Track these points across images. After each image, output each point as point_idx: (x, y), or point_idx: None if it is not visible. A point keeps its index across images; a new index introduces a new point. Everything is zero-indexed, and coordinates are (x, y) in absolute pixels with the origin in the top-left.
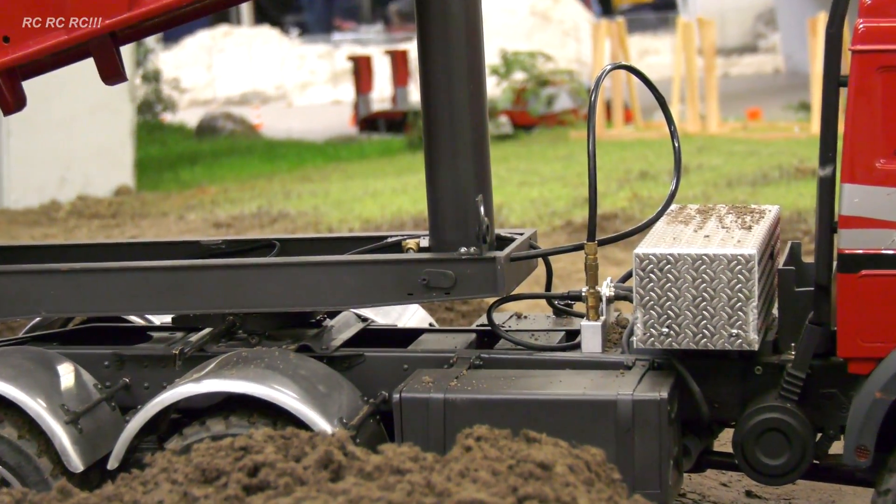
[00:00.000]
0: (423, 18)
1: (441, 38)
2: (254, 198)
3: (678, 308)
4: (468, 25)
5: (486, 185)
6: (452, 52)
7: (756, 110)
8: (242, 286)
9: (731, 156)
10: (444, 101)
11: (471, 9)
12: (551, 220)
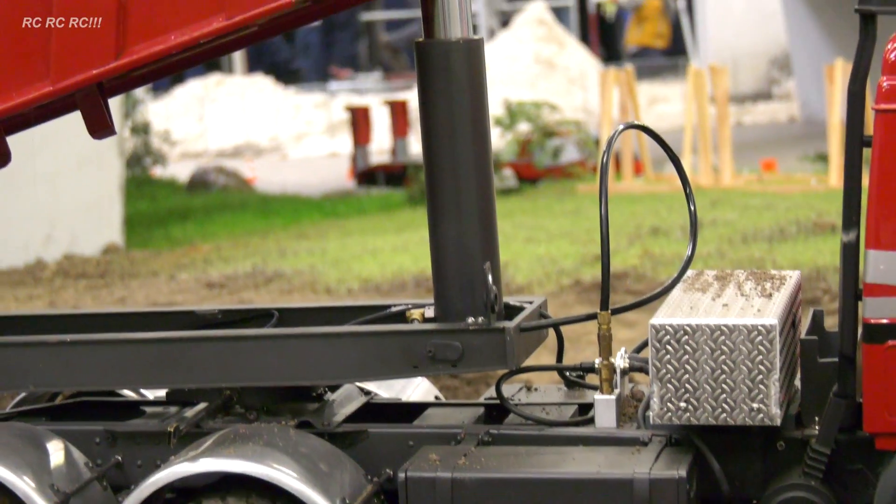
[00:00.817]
0: (424, 72)
1: (444, 93)
2: (248, 256)
3: (696, 381)
4: (472, 79)
5: (494, 249)
6: (456, 108)
7: (771, 161)
8: (240, 359)
9: (745, 210)
10: (448, 160)
11: (474, 61)
12: (559, 278)
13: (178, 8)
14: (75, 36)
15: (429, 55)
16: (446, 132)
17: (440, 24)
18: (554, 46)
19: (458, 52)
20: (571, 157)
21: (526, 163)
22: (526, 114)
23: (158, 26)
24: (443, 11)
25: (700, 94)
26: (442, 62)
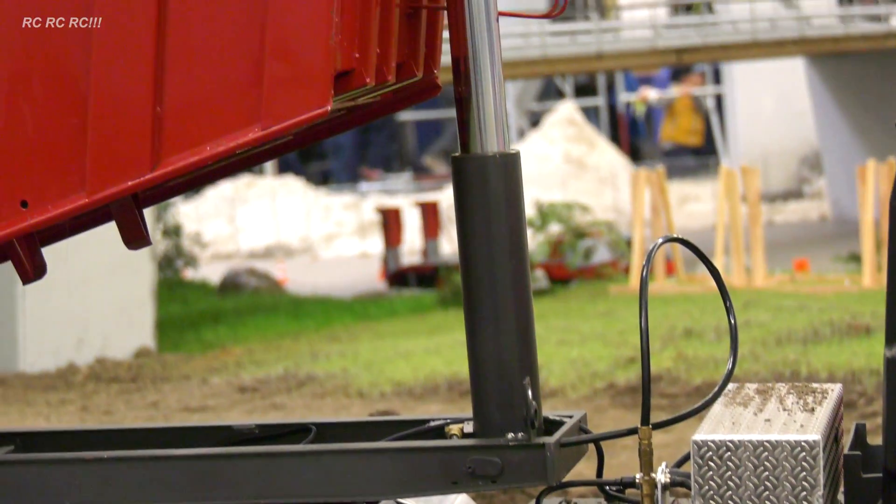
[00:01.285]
0: (460, 186)
1: (481, 208)
2: (280, 359)
3: (739, 498)
4: (509, 193)
5: (533, 363)
6: (493, 223)
7: (803, 261)
8: (278, 475)
9: (779, 311)
10: (486, 277)
11: (511, 174)
12: (592, 381)
13: (213, 119)
14: (111, 148)
15: (465, 170)
16: (484, 249)
17: (476, 137)
18: (584, 146)
19: (495, 166)
20: (603, 257)
21: (557, 263)
22: (557, 215)
23: (193, 138)
24: (479, 125)
25: (732, 195)
26: (479, 177)
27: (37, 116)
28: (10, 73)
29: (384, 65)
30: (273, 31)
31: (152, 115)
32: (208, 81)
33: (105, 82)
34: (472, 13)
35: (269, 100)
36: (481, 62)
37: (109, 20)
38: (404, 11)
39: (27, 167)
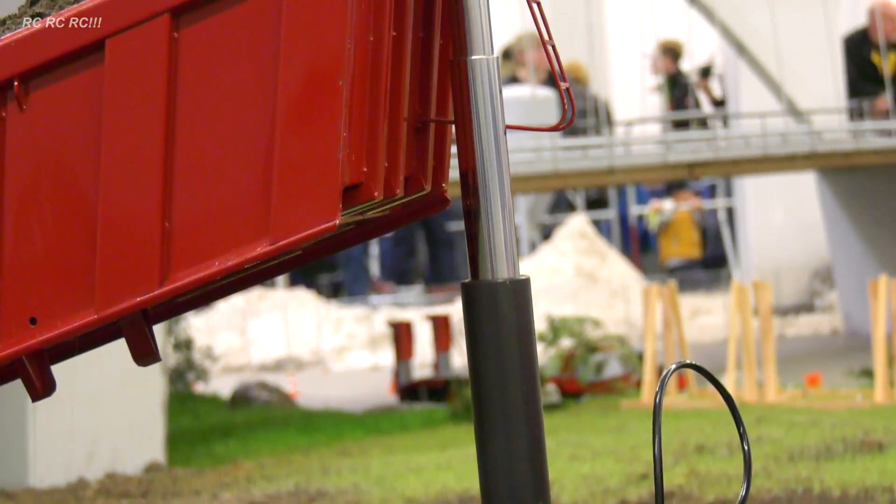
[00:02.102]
0: (470, 312)
1: (492, 334)
2: (290, 474)
3: None
4: (519, 318)
5: (544, 485)
6: (504, 348)
7: (815, 375)
8: None
9: (791, 426)
10: (498, 402)
11: (521, 300)
12: (605, 497)
13: (222, 234)
14: (119, 264)
15: (475, 297)
16: (495, 376)
17: (486, 264)
18: (595, 259)
19: (505, 292)
20: (615, 371)
21: (569, 378)
22: (569, 329)
23: (202, 252)
24: (489, 252)
25: (743, 309)
26: (489, 303)
27: (45, 232)
28: (19, 189)
29: (393, 178)
30: (281, 146)
31: (161, 230)
32: (217, 196)
33: (113, 198)
34: (479, 127)
35: (277, 214)
36: (489, 175)
37: (117, 136)
38: (412, 126)
39: (35, 283)
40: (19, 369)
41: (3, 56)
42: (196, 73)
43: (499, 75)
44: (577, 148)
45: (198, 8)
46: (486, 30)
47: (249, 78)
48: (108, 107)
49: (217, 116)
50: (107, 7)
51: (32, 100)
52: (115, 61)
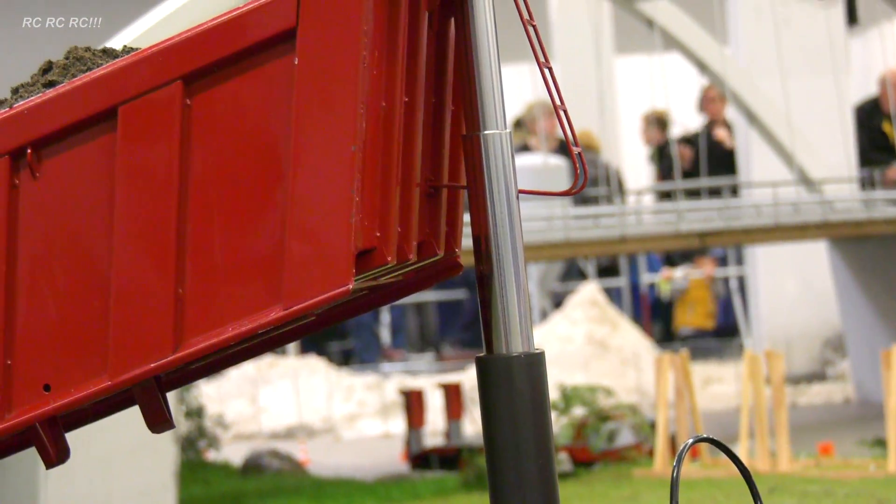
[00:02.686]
0: (485, 386)
1: (506, 407)
2: None
3: None
4: (534, 391)
5: None
6: (519, 422)
7: (828, 445)
8: None
9: (804, 497)
10: (513, 475)
11: (535, 374)
12: None
13: (235, 300)
14: (133, 330)
15: (490, 371)
16: (510, 450)
17: (500, 338)
18: (607, 327)
19: (520, 366)
20: (627, 440)
21: (581, 447)
22: (581, 398)
23: (215, 318)
24: (503, 325)
25: (756, 378)
26: (504, 377)
27: (58, 299)
28: (32, 256)
29: (405, 243)
30: (293, 211)
31: (174, 296)
32: (229, 263)
33: (126, 264)
34: (492, 192)
35: (290, 279)
36: (502, 240)
37: (130, 202)
38: (425, 191)
39: (49, 350)
40: (33, 437)
41: (16, 124)
42: (208, 139)
43: (511, 148)
44: (589, 217)
45: (210, 75)
46: (499, 105)
47: (261, 143)
48: (120, 173)
49: (229, 182)
50: (119, 75)
51: (45, 167)
52: (127, 128)
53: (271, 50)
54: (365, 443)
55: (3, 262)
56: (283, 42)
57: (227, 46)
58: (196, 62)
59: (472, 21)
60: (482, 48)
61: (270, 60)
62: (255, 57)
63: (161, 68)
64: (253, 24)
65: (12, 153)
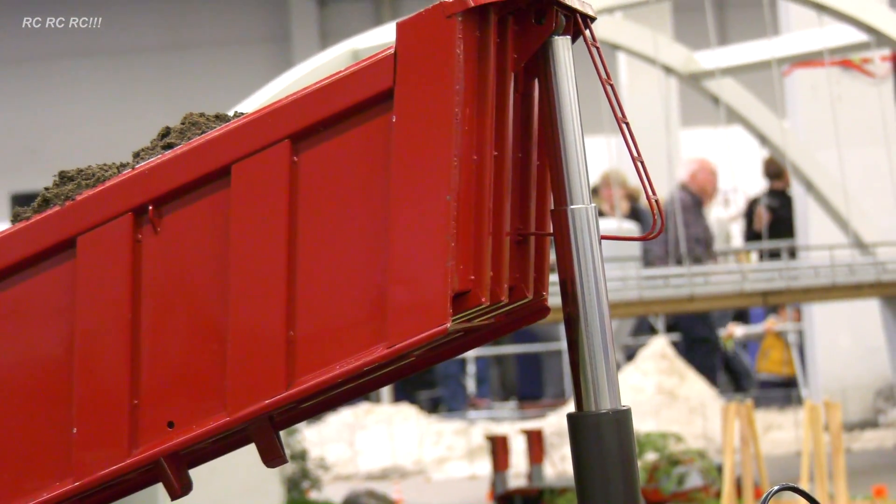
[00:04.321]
0: (576, 440)
1: (597, 461)
2: None
3: None
4: (622, 447)
5: None
6: (610, 474)
7: (882, 487)
8: None
9: None
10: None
11: (623, 430)
12: None
13: (342, 340)
14: (248, 370)
15: (580, 426)
16: (601, 497)
17: (590, 396)
18: (675, 378)
19: (609, 423)
20: (695, 483)
21: (653, 489)
22: (653, 444)
23: (324, 358)
24: (592, 385)
25: (815, 426)
26: (593, 433)
27: (179, 343)
28: (155, 305)
29: (497, 286)
30: (394, 258)
31: (286, 338)
32: (336, 305)
33: (241, 310)
34: (576, 239)
35: (392, 320)
36: (590, 314)
37: (243, 252)
38: (514, 238)
39: (172, 391)
40: (159, 472)
41: (138, 183)
42: (314, 192)
43: (596, 221)
44: (660, 277)
45: (315, 134)
46: (584, 181)
47: (363, 195)
48: (234, 226)
49: (334, 230)
50: (232, 136)
51: (165, 223)
52: (240, 184)
53: (371, 109)
54: (453, 484)
55: (129, 311)
56: (381, 101)
57: (330, 107)
58: (302, 122)
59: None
60: (567, 121)
61: (370, 119)
62: (356, 116)
63: (270, 129)
64: (353, 86)
65: (135, 210)
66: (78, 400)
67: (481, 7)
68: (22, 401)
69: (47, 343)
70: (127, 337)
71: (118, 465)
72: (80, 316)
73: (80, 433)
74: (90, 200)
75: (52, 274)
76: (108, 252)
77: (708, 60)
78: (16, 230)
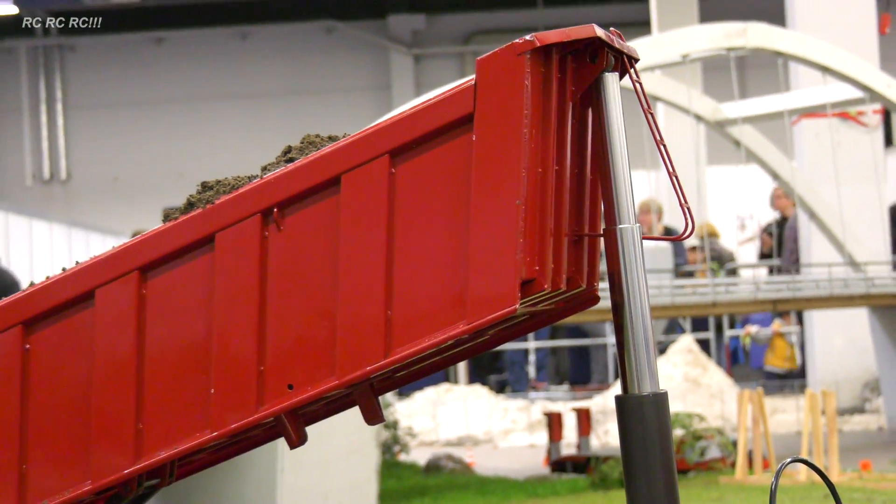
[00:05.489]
0: (623, 419)
1: (639, 437)
2: None
3: None
4: (660, 425)
5: None
6: (649, 449)
7: (867, 462)
8: None
9: (851, 502)
10: (643, 486)
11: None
12: None
13: (429, 318)
14: (354, 342)
15: (626, 406)
16: (642, 470)
17: (633, 380)
18: (699, 369)
19: (649, 404)
20: (714, 454)
21: (680, 459)
22: (680, 422)
23: (415, 333)
24: (635, 371)
25: (814, 410)
26: (637, 412)
27: (297, 319)
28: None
29: (557, 276)
30: (473, 251)
31: (385, 316)
32: (425, 291)
33: (349, 293)
34: (622, 239)
35: (471, 302)
36: (629, 274)
37: (351, 247)
38: (571, 238)
39: (292, 359)
40: (280, 427)
41: (265, 190)
42: (408, 198)
43: (640, 240)
44: (689, 286)
45: (409, 150)
46: (630, 202)
47: (448, 200)
48: (343, 225)
49: (424, 229)
50: (342, 151)
51: (287, 222)
52: (348, 191)
53: (455, 130)
54: (516, 451)
55: (257, 294)
56: (463, 124)
57: (422, 128)
58: (399, 140)
59: (606, 121)
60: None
61: (454, 138)
62: (443, 135)
63: (373, 146)
64: (441, 111)
65: (263, 212)
66: (215, 366)
67: (546, 47)
68: (171, 367)
69: (191, 320)
70: (255, 315)
71: (247, 419)
72: (217, 298)
73: (217, 393)
74: (226, 204)
75: (195, 264)
76: (240, 246)
77: (731, 111)
78: (167, 227)
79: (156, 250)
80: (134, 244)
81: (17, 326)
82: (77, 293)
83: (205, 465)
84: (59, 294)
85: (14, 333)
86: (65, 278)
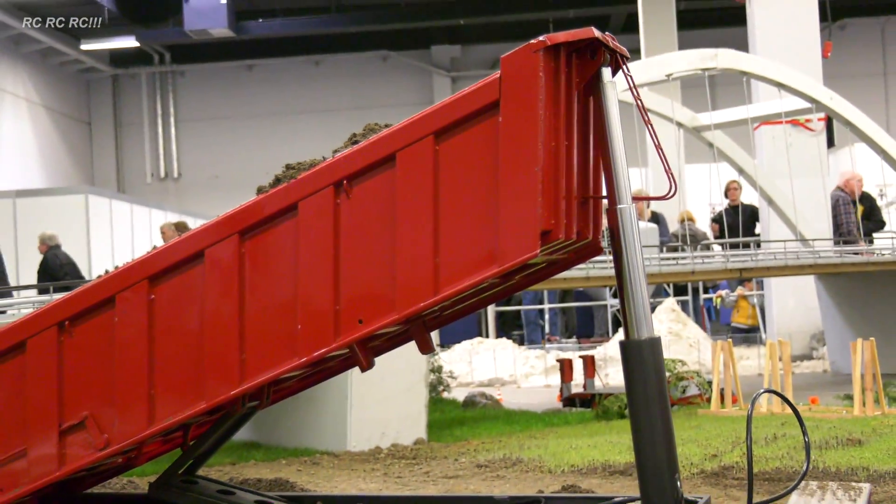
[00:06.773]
0: (626, 361)
1: (640, 377)
2: (500, 448)
3: None
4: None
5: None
6: (648, 385)
7: (815, 398)
8: None
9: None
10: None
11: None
12: (690, 469)
13: (470, 262)
14: (409, 282)
15: (629, 349)
16: (641, 397)
17: (633, 327)
18: (680, 325)
19: (646, 347)
20: (693, 392)
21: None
22: (666, 366)
23: (459, 274)
24: (635, 318)
25: (773, 357)
26: (636, 355)
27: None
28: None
29: (569, 229)
30: (503, 207)
31: (433, 263)
32: (465, 241)
33: (405, 246)
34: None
35: (501, 249)
36: (628, 243)
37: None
38: (579, 200)
39: (361, 299)
40: (353, 355)
41: (336, 166)
42: (449, 169)
43: (635, 216)
44: (672, 258)
45: (449, 131)
46: (626, 182)
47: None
48: (398, 192)
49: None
50: (396, 134)
51: (354, 192)
52: (402, 166)
53: (485, 114)
54: (535, 390)
55: (332, 248)
56: (491, 108)
57: (459, 112)
58: (441, 123)
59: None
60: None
61: (484, 120)
62: (476, 118)
63: (420, 128)
64: (473, 99)
65: (335, 184)
66: (300, 307)
67: (555, 45)
68: (266, 309)
69: (280, 271)
70: (331, 265)
71: (327, 347)
72: (300, 252)
73: (303, 328)
74: (306, 178)
75: (284, 226)
76: (318, 211)
77: (705, 119)
78: (260, 198)
79: (252, 216)
80: (233, 213)
81: (144, 281)
82: (189, 253)
83: (293, 391)
84: (176, 254)
85: (142, 287)
86: (178, 242)
